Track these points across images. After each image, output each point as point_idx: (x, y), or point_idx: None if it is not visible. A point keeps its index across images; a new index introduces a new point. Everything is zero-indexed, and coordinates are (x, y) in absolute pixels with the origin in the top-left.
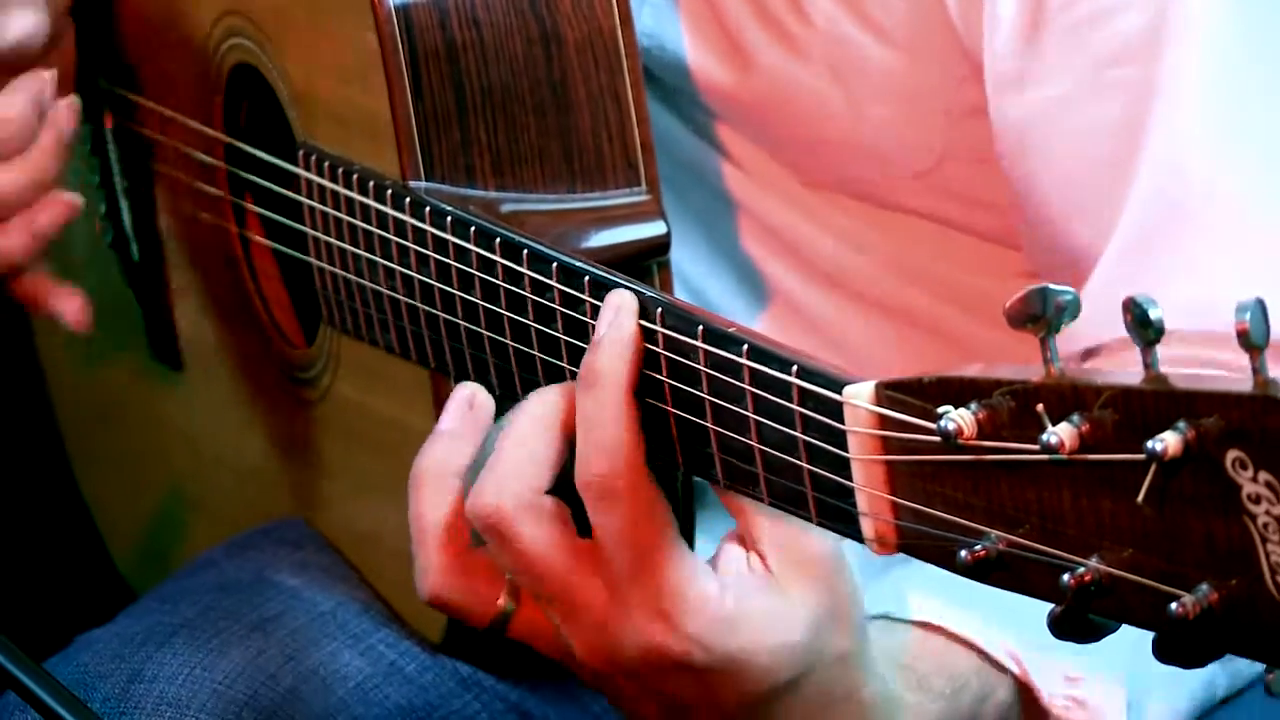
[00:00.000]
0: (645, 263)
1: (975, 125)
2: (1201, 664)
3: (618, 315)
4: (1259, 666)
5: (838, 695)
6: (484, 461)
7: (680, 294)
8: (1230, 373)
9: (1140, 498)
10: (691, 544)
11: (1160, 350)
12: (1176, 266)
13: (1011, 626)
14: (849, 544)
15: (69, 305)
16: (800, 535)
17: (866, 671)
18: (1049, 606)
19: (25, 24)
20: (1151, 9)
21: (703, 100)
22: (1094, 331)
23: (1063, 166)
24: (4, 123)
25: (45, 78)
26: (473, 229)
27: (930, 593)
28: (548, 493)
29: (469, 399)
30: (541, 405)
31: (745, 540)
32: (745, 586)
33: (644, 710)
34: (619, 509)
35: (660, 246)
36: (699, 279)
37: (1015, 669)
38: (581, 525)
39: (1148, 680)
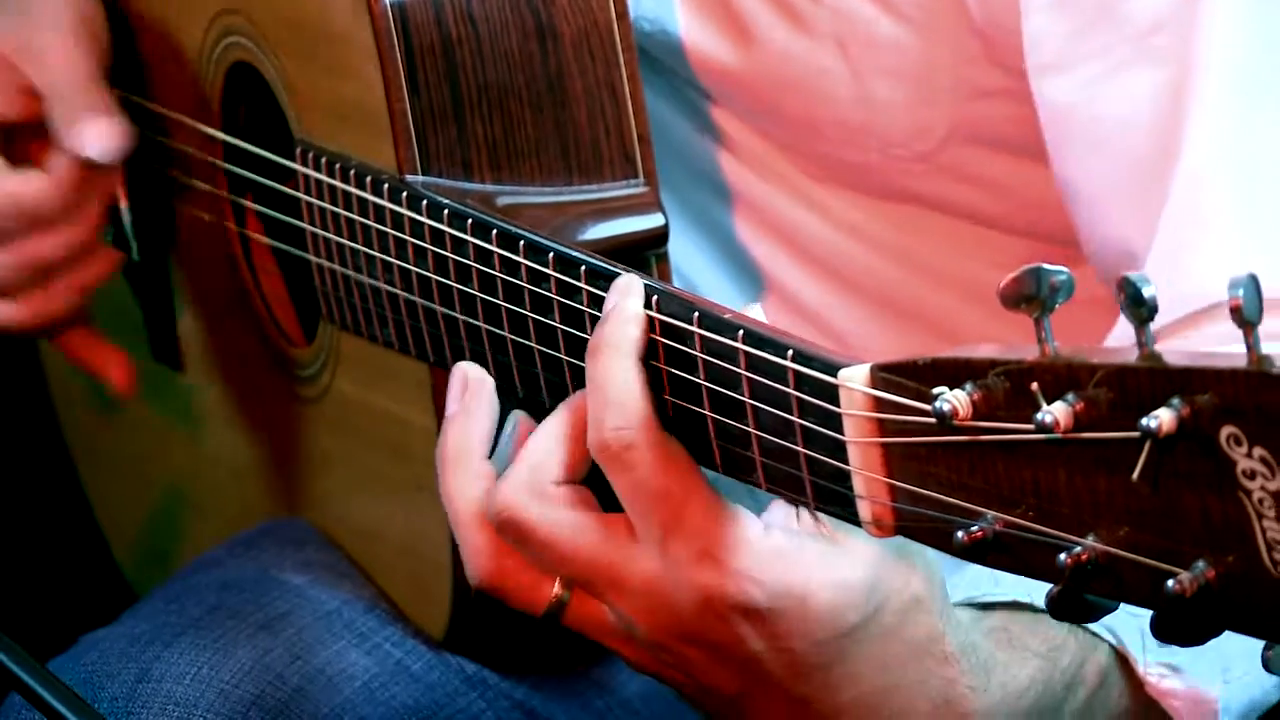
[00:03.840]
0: (643, 254)
1: (980, 106)
2: (1200, 641)
3: (624, 296)
4: None
5: (919, 641)
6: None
7: (676, 284)
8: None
9: (1135, 475)
10: None
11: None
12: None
13: None
14: None
15: (115, 370)
16: None
17: (947, 620)
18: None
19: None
20: None
21: (701, 84)
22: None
23: (1108, 146)
24: (44, 191)
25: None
26: (469, 221)
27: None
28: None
29: (463, 379)
30: (556, 417)
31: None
32: (792, 527)
33: (719, 681)
34: (638, 463)
35: (658, 238)
36: (694, 269)
37: (1109, 637)
38: (611, 505)
39: (1234, 649)
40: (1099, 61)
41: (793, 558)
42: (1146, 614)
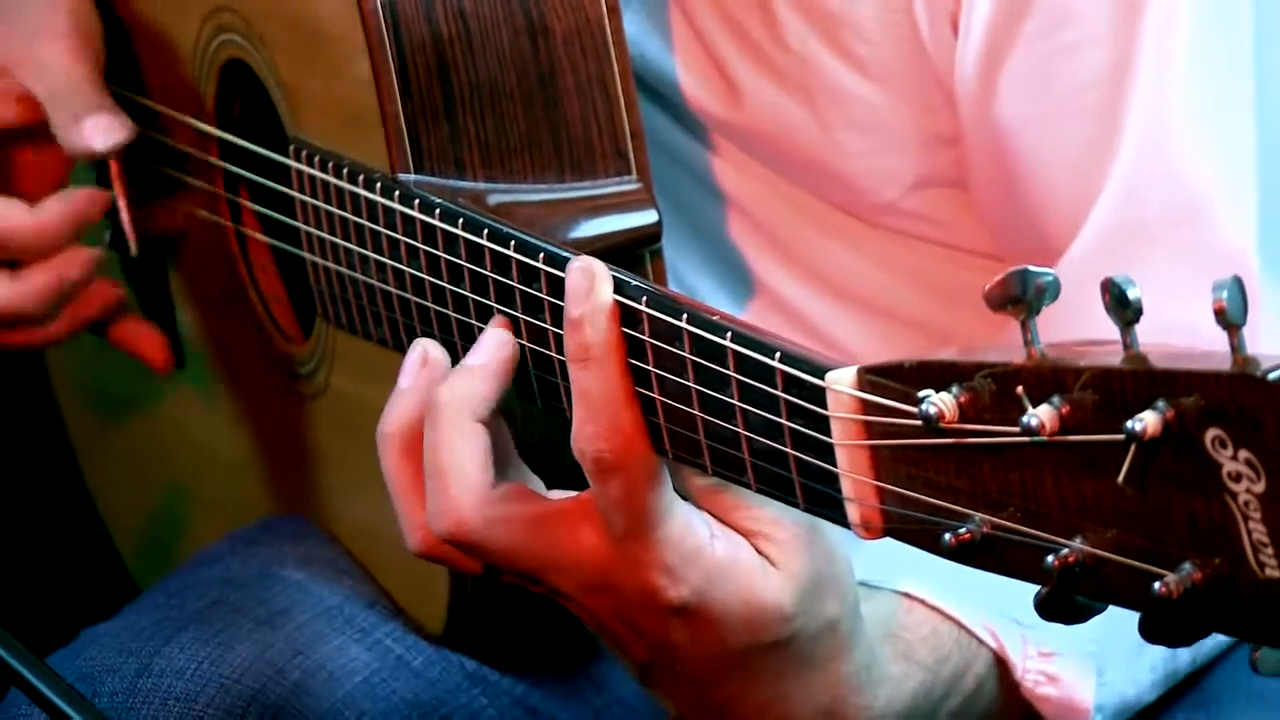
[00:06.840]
0: (637, 251)
1: (946, 155)
2: (1187, 642)
3: (594, 283)
4: (1221, 640)
5: (819, 660)
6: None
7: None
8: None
9: (1121, 478)
10: None
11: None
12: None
13: (989, 600)
14: None
15: (152, 351)
16: (779, 517)
17: (854, 640)
18: (1026, 584)
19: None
20: (1119, 45)
21: (689, 107)
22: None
23: (1034, 175)
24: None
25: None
26: (461, 220)
27: (912, 564)
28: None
29: (422, 357)
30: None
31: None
32: (734, 540)
33: (635, 651)
34: (619, 480)
35: (652, 235)
36: (684, 272)
37: (992, 643)
38: (550, 474)
39: (1112, 650)
40: (1022, 105)
41: (730, 573)
42: (1033, 621)
